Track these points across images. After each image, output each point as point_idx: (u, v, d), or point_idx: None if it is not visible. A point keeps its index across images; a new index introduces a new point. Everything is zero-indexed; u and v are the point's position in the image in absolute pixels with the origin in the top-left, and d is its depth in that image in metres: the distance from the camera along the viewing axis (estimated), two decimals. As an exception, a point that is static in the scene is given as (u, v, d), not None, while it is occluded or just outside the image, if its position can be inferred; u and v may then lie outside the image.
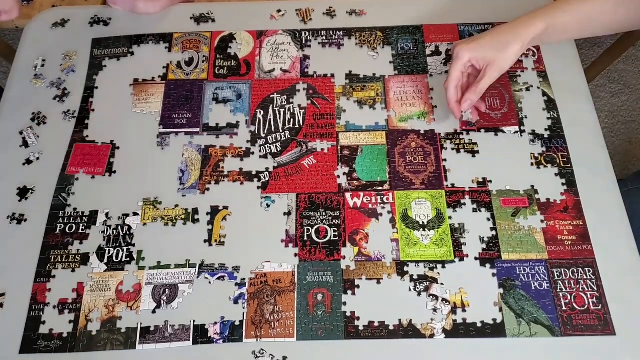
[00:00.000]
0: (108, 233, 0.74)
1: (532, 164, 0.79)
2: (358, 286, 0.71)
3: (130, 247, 0.74)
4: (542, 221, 0.74)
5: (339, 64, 0.89)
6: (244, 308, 0.69)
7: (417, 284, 0.70)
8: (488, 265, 0.71)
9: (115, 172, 0.79)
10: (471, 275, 0.71)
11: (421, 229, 0.74)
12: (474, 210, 0.75)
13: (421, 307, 0.69)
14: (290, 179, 0.79)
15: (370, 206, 0.76)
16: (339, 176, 0.79)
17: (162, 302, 0.70)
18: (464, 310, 0.69)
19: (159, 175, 0.79)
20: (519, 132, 0.81)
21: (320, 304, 0.69)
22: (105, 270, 0.72)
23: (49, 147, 0.81)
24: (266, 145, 0.82)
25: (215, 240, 0.74)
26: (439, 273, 0.71)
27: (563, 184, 0.77)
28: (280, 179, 0.79)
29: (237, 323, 0.68)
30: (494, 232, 0.74)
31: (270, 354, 0.66)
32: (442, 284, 0.70)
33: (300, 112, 0.84)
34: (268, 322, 0.68)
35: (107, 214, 0.76)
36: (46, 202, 0.77)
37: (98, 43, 0.92)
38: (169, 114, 0.84)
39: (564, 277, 0.70)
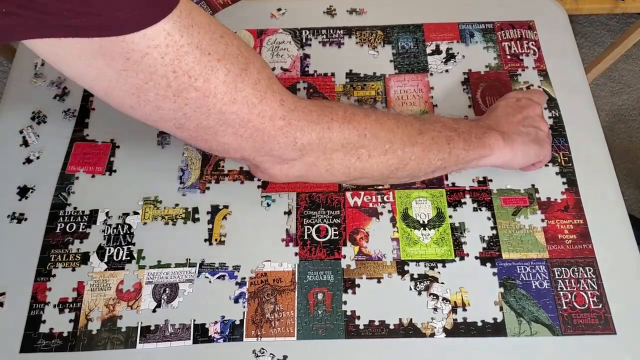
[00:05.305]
0: (108, 232, 0.74)
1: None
2: (358, 285, 0.70)
3: (130, 246, 0.73)
4: (542, 220, 0.74)
5: (339, 62, 0.88)
6: (244, 307, 0.69)
7: (418, 283, 0.70)
8: (488, 265, 0.71)
9: (115, 171, 0.79)
10: (471, 275, 0.71)
11: (421, 228, 0.74)
12: (475, 210, 0.75)
13: (421, 306, 0.69)
14: (291, 178, 0.78)
15: (370, 205, 0.76)
16: (339, 175, 0.78)
17: (163, 301, 0.70)
18: (464, 310, 0.69)
19: (159, 174, 0.79)
20: (519, 131, 0.81)
21: (320, 303, 0.69)
22: (105, 270, 0.72)
23: (49, 146, 0.81)
24: (266, 144, 0.81)
25: (216, 240, 0.74)
26: (439, 272, 0.71)
27: (564, 183, 0.77)
28: (280, 178, 0.78)
29: (237, 322, 0.68)
30: (494, 231, 0.73)
31: (271, 353, 0.66)
32: (442, 283, 0.70)
33: (300, 111, 0.84)
34: (268, 321, 0.68)
35: (107, 213, 0.76)
36: (46, 201, 0.77)
37: (98, 42, 0.91)
38: (169, 113, 0.84)
39: (565, 276, 0.70)
